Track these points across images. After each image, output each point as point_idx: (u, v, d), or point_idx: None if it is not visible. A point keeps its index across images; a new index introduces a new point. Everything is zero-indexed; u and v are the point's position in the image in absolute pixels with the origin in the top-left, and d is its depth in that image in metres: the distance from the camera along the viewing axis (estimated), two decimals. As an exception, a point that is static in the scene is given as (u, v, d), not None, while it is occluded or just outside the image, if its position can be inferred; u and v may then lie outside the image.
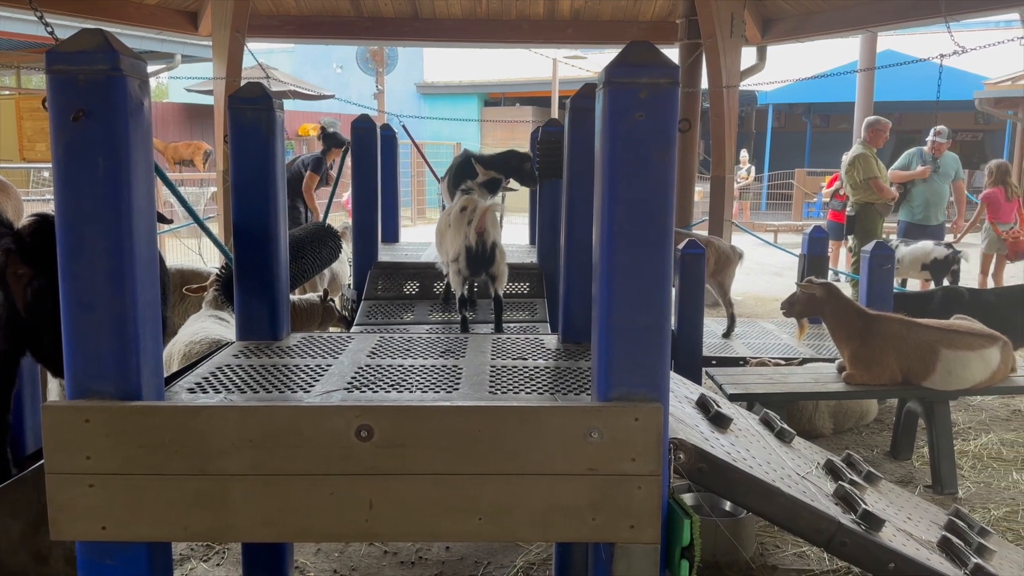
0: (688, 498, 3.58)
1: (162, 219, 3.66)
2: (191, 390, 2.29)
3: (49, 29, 3.33)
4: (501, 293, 3.52)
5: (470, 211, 3.34)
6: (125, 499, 1.86)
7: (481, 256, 3.36)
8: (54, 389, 4.33)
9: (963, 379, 4.00)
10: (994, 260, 8.85)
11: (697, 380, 4.82)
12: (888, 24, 8.28)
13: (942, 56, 7.01)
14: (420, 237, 4.65)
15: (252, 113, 2.79)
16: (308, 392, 2.27)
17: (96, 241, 1.83)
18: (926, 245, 7.82)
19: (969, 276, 10.03)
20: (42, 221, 2.33)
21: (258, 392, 2.28)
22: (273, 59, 22.64)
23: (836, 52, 18.82)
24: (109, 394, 1.88)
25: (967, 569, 2.40)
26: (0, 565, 2.34)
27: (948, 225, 8.54)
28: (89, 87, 1.79)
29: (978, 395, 4.77)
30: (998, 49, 7.68)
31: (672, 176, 1.89)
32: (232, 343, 2.90)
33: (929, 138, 8.65)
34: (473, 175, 4.04)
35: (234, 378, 2.42)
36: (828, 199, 11.32)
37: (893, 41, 19.28)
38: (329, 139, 7.59)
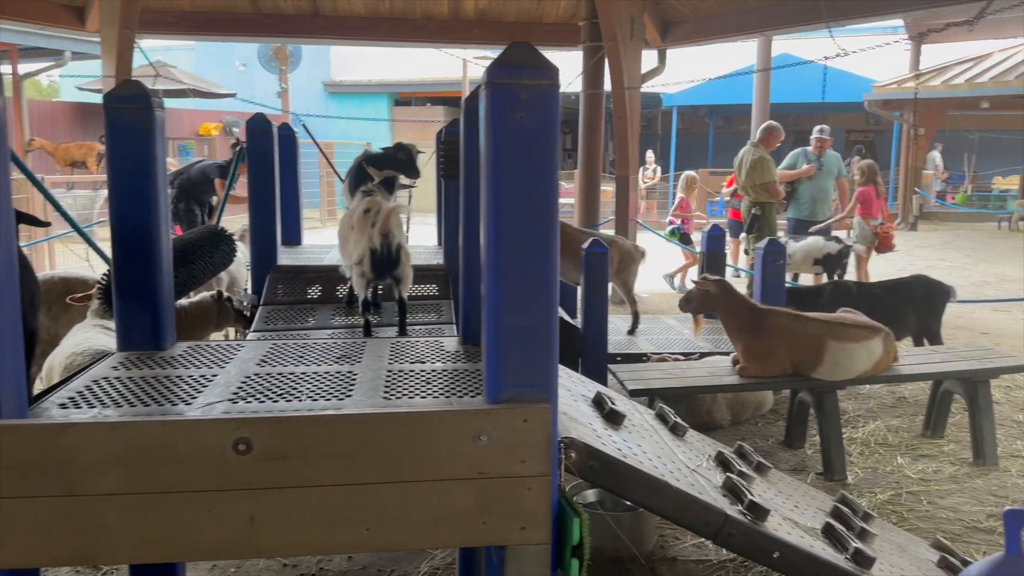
0: (591, 494, 3.62)
1: (36, 222, 3.46)
2: (63, 405, 2.17)
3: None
4: (406, 296, 3.45)
5: (374, 213, 3.25)
6: (-16, 525, 1.74)
7: (386, 258, 3.28)
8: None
9: (849, 369, 4.18)
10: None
11: (602, 377, 4.89)
12: (778, 28, 8.61)
13: (826, 59, 7.33)
14: (327, 239, 4.55)
15: (130, 112, 2.66)
16: (190, 405, 2.18)
17: (-56, 251, 1.71)
18: (817, 241, 8.17)
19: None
20: None
21: (136, 406, 2.18)
22: (172, 56, 21.84)
23: (738, 56, 19.47)
24: (-36, 413, 1.76)
25: (848, 553, 2.50)
26: None
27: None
28: (-68, 86, 1.67)
29: (865, 384, 4.99)
30: (887, 53, 8.12)
31: (554, 176, 1.90)
32: (111, 355, 2.77)
33: (813, 136, 9.04)
34: (370, 178, 3.96)
35: (111, 392, 2.31)
36: (728, 198, 11.68)
37: (789, 45, 20.07)
38: (241, 155, 7.36)
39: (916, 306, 5.75)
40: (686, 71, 16.07)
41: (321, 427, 1.83)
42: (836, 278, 7.93)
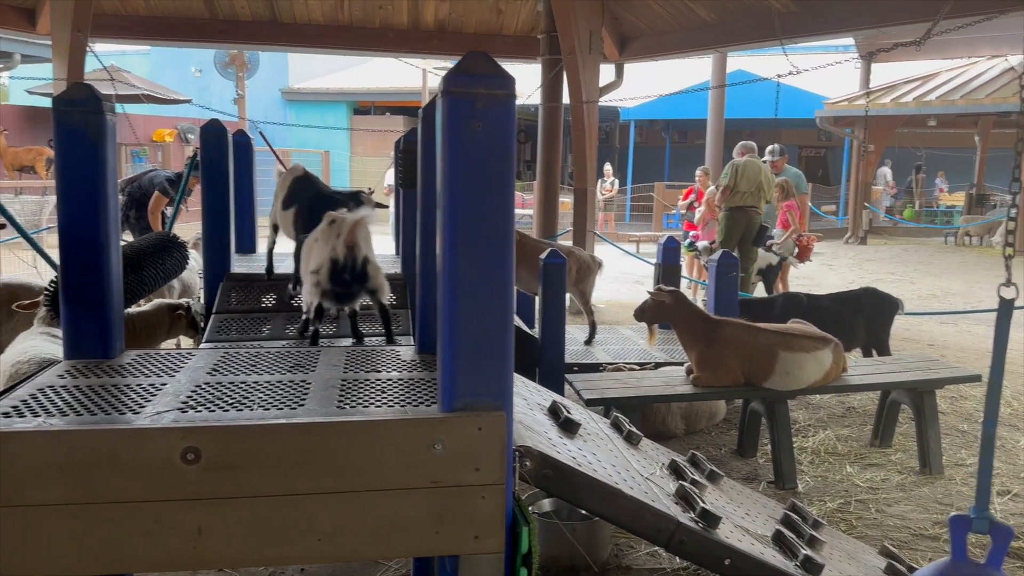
0: (547, 503, 3.63)
1: None
2: (6, 414, 2.11)
3: None
4: (386, 302, 3.33)
5: (339, 224, 3.13)
6: (-82, 538, 1.69)
7: (350, 271, 3.15)
8: None
9: (799, 379, 4.26)
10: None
11: (560, 386, 4.91)
12: (732, 45, 8.79)
13: (779, 76, 7.50)
14: (282, 248, 4.49)
15: (79, 116, 2.61)
16: (138, 414, 2.13)
17: None
18: (761, 253, 8.45)
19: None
20: None
21: (82, 415, 2.13)
22: (126, 61, 21.48)
23: (694, 71, 19.80)
24: (-102, 422, 1.70)
25: (797, 560, 2.54)
26: None
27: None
28: None
29: (815, 394, 5.09)
30: (839, 71, 8.35)
31: (510, 186, 1.91)
32: (57, 363, 2.70)
33: (765, 158, 9.28)
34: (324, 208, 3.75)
35: (57, 400, 2.25)
36: (684, 211, 11.87)
37: (744, 62, 20.47)
38: (195, 166, 7.22)
39: (865, 318, 5.89)
40: (643, 86, 16.29)
41: (271, 436, 1.81)
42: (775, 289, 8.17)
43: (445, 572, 1.97)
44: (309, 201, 3.76)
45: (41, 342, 3.92)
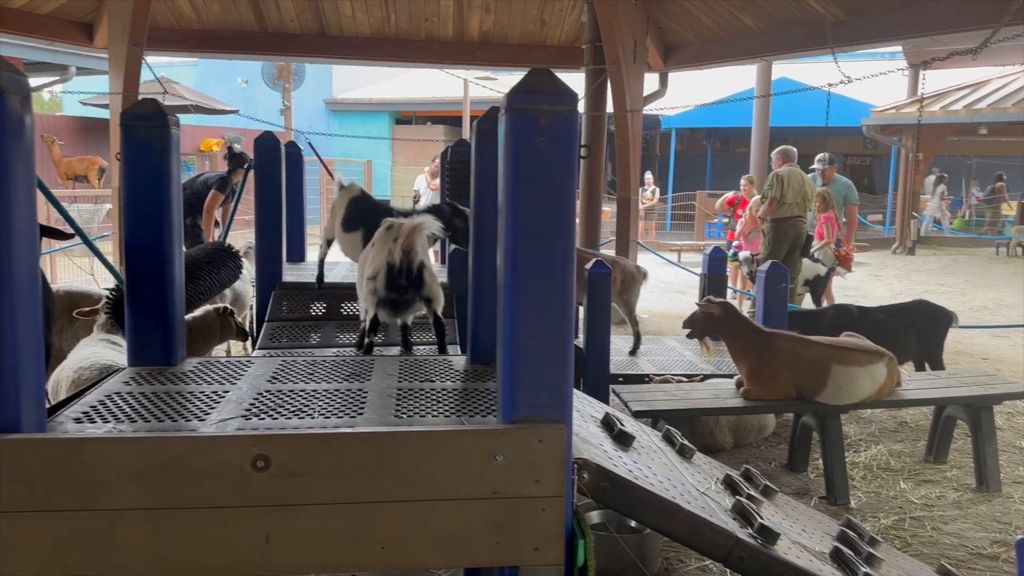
0: (595, 515, 3.62)
1: (60, 235, 3.46)
2: (78, 420, 2.18)
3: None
4: (440, 313, 3.30)
5: (396, 229, 3.14)
6: (2, 538, 1.75)
7: (406, 276, 3.12)
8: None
9: (852, 393, 4.19)
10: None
11: (605, 397, 4.90)
12: (780, 54, 8.70)
13: (830, 85, 7.41)
14: (329, 256, 4.55)
15: (146, 130, 2.69)
16: (203, 421, 2.19)
17: (-30, 265, 1.72)
18: (807, 263, 8.34)
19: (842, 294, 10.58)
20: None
21: (150, 421, 2.19)
22: (175, 72, 21.95)
23: (735, 79, 19.62)
24: (-17, 427, 1.76)
25: (856, 577, 2.50)
26: None
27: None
28: (-37, 103, 1.70)
29: (868, 408, 5.01)
30: (884, 79, 8.20)
31: (572, 200, 1.92)
32: (123, 369, 2.78)
33: (814, 166, 9.17)
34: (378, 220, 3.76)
35: (124, 407, 2.32)
36: (727, 218, 11.79)
37: (788, 69, 20.24)
38: (234, 159, 7.39)
39: (918, 331, 5.78)
40: (685, 94, 16.21)
41: (338, 444, 1.84)
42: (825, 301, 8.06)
43: (505, 583, 1.98)
44: (377, 225, 3.79)
45: (102, 349, 4.03)
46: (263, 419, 2.21)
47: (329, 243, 4.28)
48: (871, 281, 13.34)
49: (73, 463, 1.77)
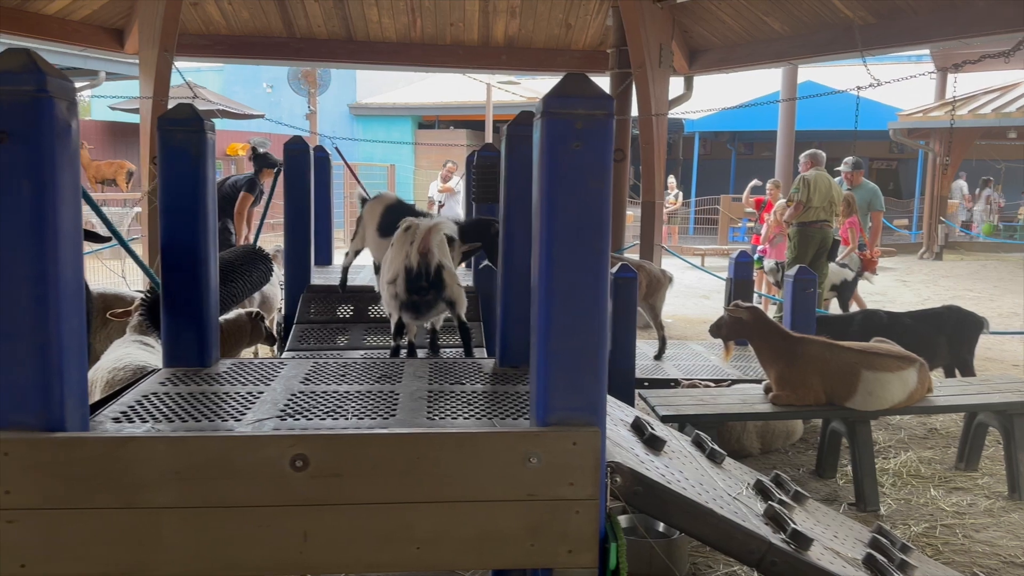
0: (623, 520, 3.61)
1: (97, 237, 3.52)
2: (116, 419, 2.21)
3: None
4: (464, 316, 3.27)
5: (412, 231, 3.13)
6: (47, 535, 1.78)
7: (425, 278, 3.10)
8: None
9: (883, 399, 4.15)
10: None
11: (630, 402, 4.88)
12: (808, 57, 8.65)
13: (859, 88, 7.35)
14: (356, 259, 4.59)
15: (182, 135, 2.73)
16: (239, 421, 2.22)
17: (19, 267, 1.76)
18: (834, 268, 8.26)
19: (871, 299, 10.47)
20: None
21: (187, 421, 2.22)
22: (201, 77, 22.19)
23: (759, 82, 19.53)
24: (31, 425, 1.80)
25: (890, 584, 2.49)
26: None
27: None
28: (13, 108, 1.74)
29: (898, 414, 4.96)
30: (910, 82, 8.12)
31: (608, 204, 1.93)
32: (158, 370, 2.82)
33: (839, 169, 9.10)
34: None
35: (161, 407, 2.35)
36: (752, 223, 11.72)
37: (813, 72, 20.10)
38: (260, 160, 7.47)
39: (948, 336, 5.71)
40: (708, 98, 16.14)
41: (376, 445, 1.86)
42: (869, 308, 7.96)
43: (538, 585, 1.99)
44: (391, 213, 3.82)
45: (135, 350, 4.08)
46: (298, 419, 2.24)
47: (357, 253, 4.27)
48: (898, 286, 13.20)
49: (116, 462, 1.81)
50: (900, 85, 7.70)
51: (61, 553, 1.80)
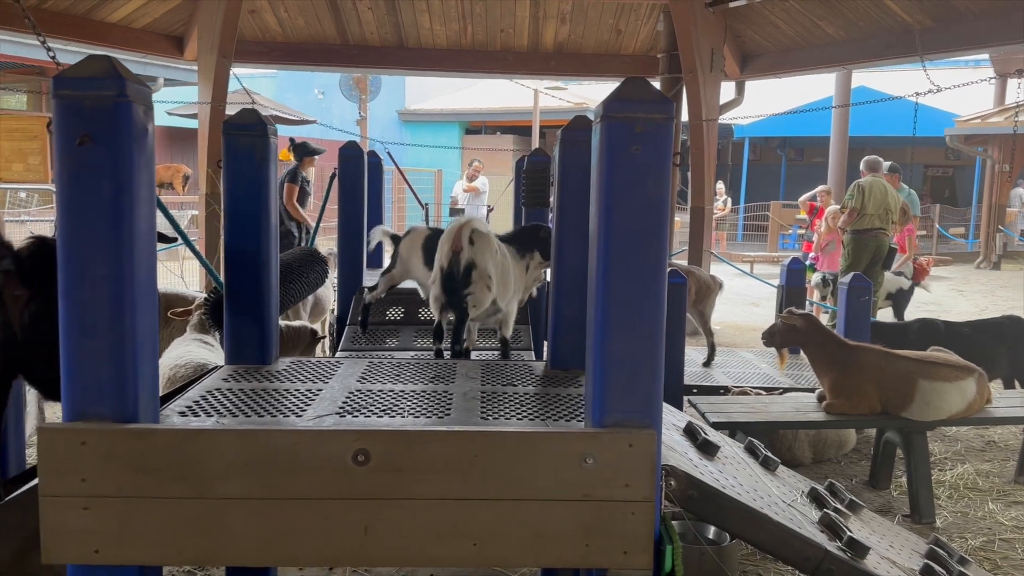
0: (675, 525, 3.60)
1: (163, 238, 3.64)
2: (182, 413, 2.29)
3: (51, 54, 3.34)
4: (472, 314, 3.19)
5: (451, 230, 3.13)
6: (120, 522, 1.86)
7: (456, 277, 3.07)
8: (32, 412, 4.28)
9: (940, 410, 4.07)
10: None
11: (678, 408, 4.86)
12: (864, 62, 8.52)
13: (918, 94, 7.21)
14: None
15: (246, 139, 2.81)
16: (300, 416, 2.28)
17: (98, 266, 1.84)
18: (889, 276, 8.09)
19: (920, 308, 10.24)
20: (41, 244, 2.33)
21: (249, 416, 2.29)
22: (255, 83, 22.62)
23: (811, 87, 19.22)
24: (106, 417, 1.88)
25: (949, 596, 2.45)
26: (-14, 590, 2.31)
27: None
28: (95, 112, 1.82)
29: (956, 425, 4.86)
30: (967, 87, 7.93)
31: (666, 207, 1.94)
32: (220, 367, 2.90)
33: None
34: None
35: (225, 402, 2.43)
36: (803, 231, 11.56)
37: (866, 77, 19.72)
38: (299, 149, 7.69)
39: (1009, 347, 5.57)
40: (759, 103, 15.96)
41: (436, 442, 1.89)
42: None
43: (592, 585, 2.01)
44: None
45: (195, 348, 4.21)
46: (356, 416, 2.29)
47: (392, 287, 4.08)
48: (954, 296, 12.89)
49: (186, 453, 1.87)
50: (956, 91, 7.52)
51: (133, 539, 1.87)
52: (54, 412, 4.56)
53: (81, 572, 1.91)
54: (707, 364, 5.93)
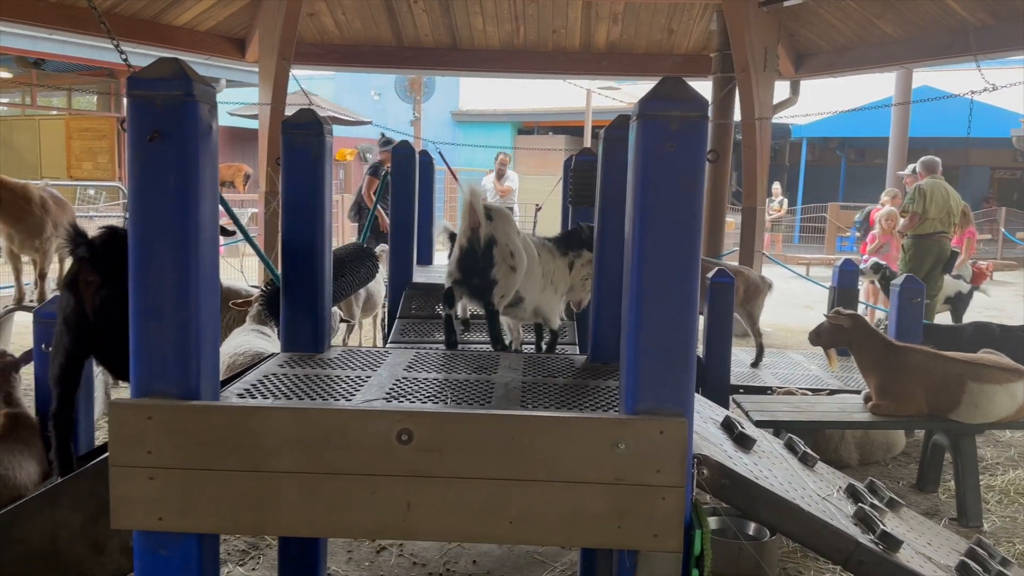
0: (713, 522, 3.64)
1: (224, 232, 3.83)
2: (240, 395, 2.43)
3: (124, 56, 3.54)
4: (497, 305, 3.03)
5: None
6: (181, 492, 2.00)
7: (476, 254, 2.84)
8: (99, 398, 4.52)
9: (989, 412, 4.02)
10: None
11: (724, 406, 4.88)
12: (920, 61, 8.38)
13: (972, 93, 7.06)
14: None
15: (303, 138, 2.95)
16: (350, 400, 2.40)
17: (165, 254, 1.98)
18: (949, 280, 7.93)
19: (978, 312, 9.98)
20: (113, 233, 2.51)
21: (303, 399, 2.42)
22: (314, 85, 23.14)
23: (872, 87, 18.83)
24: (171, 394, 2.02)
25: (985, 594, 2.45)
26: (59, 555, 2.49)
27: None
28: (165, 111, 1.96)
29: (1006, 429, 4.77)
30: (1031, 86, 7.72)
31: (699, 204, 2.01)
32: (276, 354, 3.05)
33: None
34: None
35: (280, 386, 2.56)
36: (860, 233, 11.36)
37: (929, 76, 19.23)
38: (385, 144, 8.03)
39: (1066, 352, 5.44)
40: (818, 102, 15.71)
41: (475, 424, 1.99)
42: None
43: (624, 566, 2.08)
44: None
45: (253, 338, 4.39)
46: (402, 401, 2.41)
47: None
48: (1016, 301, 12.52)
49: (244, 429, 2.01)
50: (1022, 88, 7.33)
51: (194, 509, 2.01)
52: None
53: (146, 538, 2.05)
54: (755, 364, 5.92)
